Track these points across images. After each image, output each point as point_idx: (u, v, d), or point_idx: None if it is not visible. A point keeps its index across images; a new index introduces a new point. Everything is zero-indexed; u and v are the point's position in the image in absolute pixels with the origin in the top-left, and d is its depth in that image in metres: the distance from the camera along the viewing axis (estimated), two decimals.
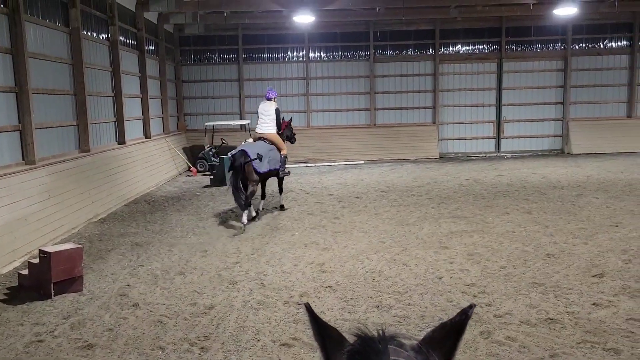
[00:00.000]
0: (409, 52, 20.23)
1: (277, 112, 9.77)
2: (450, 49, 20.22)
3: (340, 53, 20.19)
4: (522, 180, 13.44)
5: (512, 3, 16.91)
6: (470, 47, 20.21)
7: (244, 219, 8.80)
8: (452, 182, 13.62)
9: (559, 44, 20.07)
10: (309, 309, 1.12)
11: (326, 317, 5.11)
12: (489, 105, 20.35)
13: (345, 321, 5.03)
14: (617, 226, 8.35)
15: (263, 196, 10.32)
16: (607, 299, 5.31)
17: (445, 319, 4.11)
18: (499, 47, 20.06)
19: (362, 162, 18.94)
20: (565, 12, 16.25)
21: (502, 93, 20.22)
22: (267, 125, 9.70)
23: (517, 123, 20.33)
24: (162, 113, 17.69)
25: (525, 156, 19.35)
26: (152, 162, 14.79)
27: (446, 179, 14.12)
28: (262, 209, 10.23)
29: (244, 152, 8.96)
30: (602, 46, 20.03)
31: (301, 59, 20.09)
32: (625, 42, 19.97)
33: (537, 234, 8.02)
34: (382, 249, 7.44)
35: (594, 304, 5.21)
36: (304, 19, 15.53)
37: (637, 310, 5.00)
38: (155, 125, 16.56)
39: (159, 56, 17.36)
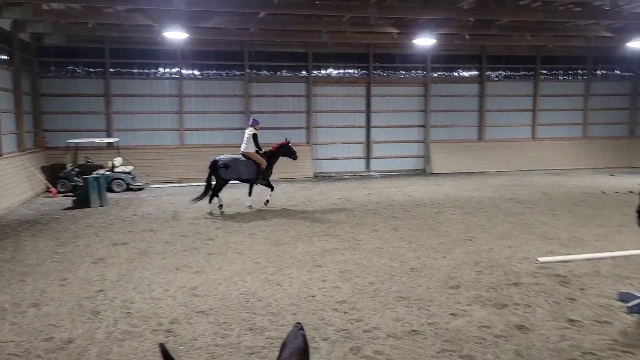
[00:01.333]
0: (284, 73, 20.61)
1: (254, 136, 12.53)
2: (323, 71, 20.94)
3: (214, 71, 19.99)
4: (390, 199, 14.22)
5: (377, 32, 17.99)
6: (342, 71, 21.10)
7: (219, 202, 12.35)
8: (326, 200, 14.01)
9: (420, 72, 21.69)
10: (163, 349, 1.08)
11: (198, 344, 4.96)
12: (359, 127, 21.34)
13: (217, 347, 4.92)
14: (470, 240, 9.13)
15: (250, 193, 12.92)
16: (463, 309, 5.77)
17: (317, 337, 4.17)
18: (367, 72, 21.18)
19: (238, 181, 18.78)
20: (424, 42, 17.67)
21: (371, 115, 21.33)
22: (246, 146, 12.59)
23: (384, 144, 21.53)
24: (17, 129, 16.14)
25: (392, 175, 20.51)
26: (3, 182, 13.41)
27: (320, 198, 14.49)
28: (258, 202, 11.35)
29: (216, 161, 12.36)
30: (456, 75, 22.02)
31: (174, 75, 19.58)
32: (475, 72, 22.14)
33: (403, 250, 8.51)
34: (257, 270, 7.41)
35: (451, 314, 5.62)
36: (176, 35, 15.18)
37: (488, 318, 5.48)
38: (8, 142, 15.06)
39: (13, 66, 15.89)
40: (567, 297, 6.10)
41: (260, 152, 12.70)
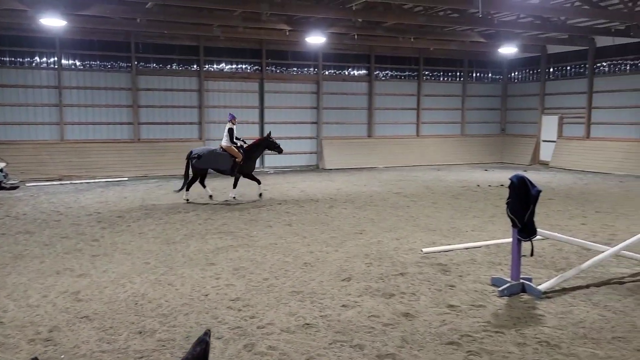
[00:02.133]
0: (174, 67, 19.98)
1: (230, 131, 13.16)
2: (215, 66, 20.58)
3: (98, 62, 18.90)
4: (284, 194, 14.34)
5: (270, 28, 18.02)
6: (234, 66, 20.87)
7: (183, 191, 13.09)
8: (220, 197, 13.82)
9: (312, 69, 22.07)
10: None
11: (81, 351, 4.70)
12: (253, 123, 21.26)
13: (103, 353, 4.69)
14: (361, 233, 9.49)
15: (234, 185, 13.52)
16: (354, 300, 5.99)
17: (211, 336, 4.11)
18: (260, 68, 21.15)
19: (126, 178, 17.95)
20: (316, 40, 18.02)
21: (264, 111, 21.33)
22: (224, 139, 13.26)
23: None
24: None
25: (286, 171, 20.68)
26: None
27: (214, 194, 14.25)
28: (233, 197, 13.32)
29: (190, 152, 13.18)
30: (347, 73, 22.69)
31: (52, 66, 18.21)
32: (364, 71, 22.96)
33: (296, 245, 8.64)
34: (146, 270, 7.15)
35: (343, 305, 5.82)
36: (53, 22, 14.13)
37: (377, 308, 5.75)
38: None
39: None
40: (447, 285, 6.56)
41: (237, 145, 13.19)
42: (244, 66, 21.02)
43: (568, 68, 22.71)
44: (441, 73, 24.42)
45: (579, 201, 13.27)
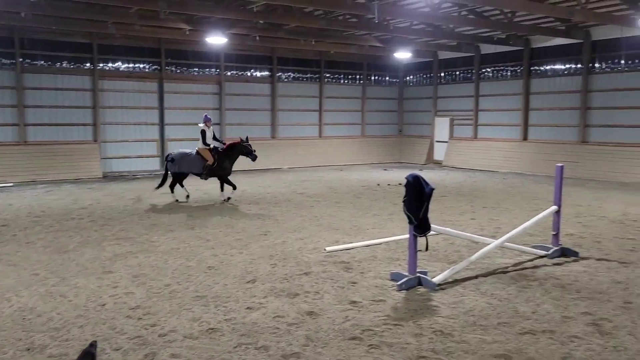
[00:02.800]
0: (65, 65, 18.81)
1: (202, 133, 12.95)
2: (110, 65, 19.66)
3: None
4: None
5: (169, 27, 17.52)
6: (131, 65, 20.05)
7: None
8: (117, 202, 13.21)
9: (214, 70, 21.74)
10: None
11: None
12: (153, 124, 20.55)
13: None
14: (266, 235, 9.51)
15: (221, 188, 13.18)
16: (259, 302, 6.01)
17: (108, 348, 3.96)
18: (159, 68, 20.48)
19: (11, 184, 16.61)
20: (217, 41, 17.78)
21: (165, 112, 20.67)
22: (198, 142, 13.05)
23: (180, 142, 21.04)
24: None
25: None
26: None
27: (110, 200, 13.61)
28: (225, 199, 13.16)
29: (167, 156, 13.50)
30: (249, 75, 22.60)
31: None
32: (267, 73, 23.00)
33: (200, 248, 8.48)
34: (35, 282, 6.68)
35: (248, 308, 5.81)
36: None
37: (281, 308, 5.80)
38: None
39: None
40: (349, 282, 6.76)
41: (209, 148, 12.92)
42: (141, 65, 20.24)
43: (457, 73, 24.21)
44: (342, 76, 25.05)
45: (468, 198, 14.20)
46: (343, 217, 11.31)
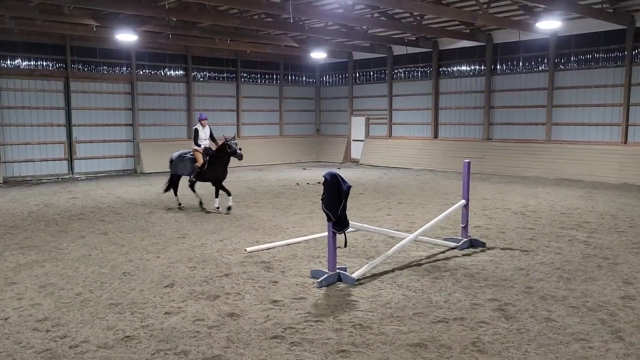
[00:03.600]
0: None
1: (194, 132, 12.24)
2: (9, 62, 18.36)
3: None
4: (98, 202, 13.38)
5: (74, 22, 16.65)
6: (33, 63, 18.84)
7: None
8: (20, 208, 12.39)
9: (125, 68, 20.90)
10: None
11: None
12: (59, 126, 19.44)
13: None
14: (184, 237, 9.31)
15: (216, 194, 12.01)
16: (177, 306, 5.88)
17: None
18: (64, 66, 19.40)
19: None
20: (127, 38, 17.11)
21: (72, 113, 19.61)
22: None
23: (89, 144, 20.08)
24: None
25: (100, 177, 19.31)
26: None
27: (13, 206, 12.73)
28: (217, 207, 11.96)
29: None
30: (163, 74, 21.94)
31: None
32: (182, 72, 22.45)
33: (114, 254, 8.15)
34: None
35: (166, 313, 5.67)
36: None
37: (201, 311, 5.71)
38: None
39: None
40: (270, 281, 6.78)
41: (199, 149, 12.05)
42: (45, 63, 19.07)
43: (372, 73, 24.87)
44: (259, 75, 24.95)
45: (384, 194, 14.65)
46: (263, 217, 11.30)
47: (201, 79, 22.99)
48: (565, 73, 18.34)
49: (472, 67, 21.07)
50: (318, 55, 22.09)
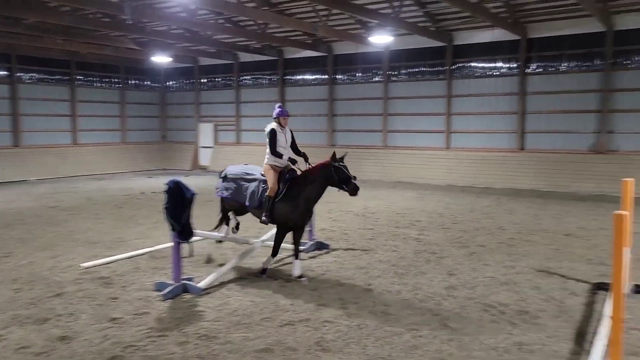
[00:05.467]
0: None
1: (269, 134, 7.65)
2: None
3: None
4: None
5: None
6: None
7: None
8: None
9: None
10: None
11: None
12: None
13: None
14: (8, 257, 8.33)
15: (296, 254, 7.40)
16: None
17: None
18: None
19: None
20: None
21: None
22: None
23: None
24: None
25: None
26: None
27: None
28: None
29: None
30: None
31: None
32: (5, 72, 20.16)
33: None
34: None
35: None
36: None
37: (27, 337, 5.16)
38: None
39: None
40: (109, 298, 6.36)
41: (279, 162, 7.72)
42: None
43: (219, 80, 24.65)
44: (97, 78, 23.36)
45: None
46: (103, 229, 10.56)
47: (28, 81, 20.85)
48: (398, 84, 19.92)
49: (316, 76, 21.92)
50: (162, 59, 21.29)
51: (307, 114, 22.19)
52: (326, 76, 21.51)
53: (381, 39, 16.44)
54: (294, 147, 7.80)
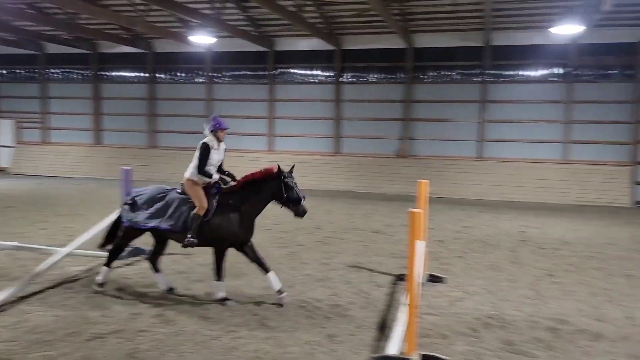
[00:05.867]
0: None
1: (199, 149, 6.42)
2: None
3: None
4: None
5: None
6: None
7: None
8: None
9: None
10: None
11: None
12: None
13: None
14: None
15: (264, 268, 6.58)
16: None
17: None
18: None
19: None
20: None
21: None
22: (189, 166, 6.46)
23: None
24: None
25: None
26: None
27: None
28: None
29: None
30: None
31: None
32: None
33: None
34: None
35: None
36: None
37: None
38: None
39: None
40: None
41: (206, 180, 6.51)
42: None
43: (23, 72, 22.06)
44: None
45: (39, 206, 13.17)
46: None
47: None
48: (222, 86, 19.85)
49: (135, 74, 20.81)
50: None
51: (126, 113, 20.98)
52: (146, 74, 20.56)
53: (203, 39, 16.23)
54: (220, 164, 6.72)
